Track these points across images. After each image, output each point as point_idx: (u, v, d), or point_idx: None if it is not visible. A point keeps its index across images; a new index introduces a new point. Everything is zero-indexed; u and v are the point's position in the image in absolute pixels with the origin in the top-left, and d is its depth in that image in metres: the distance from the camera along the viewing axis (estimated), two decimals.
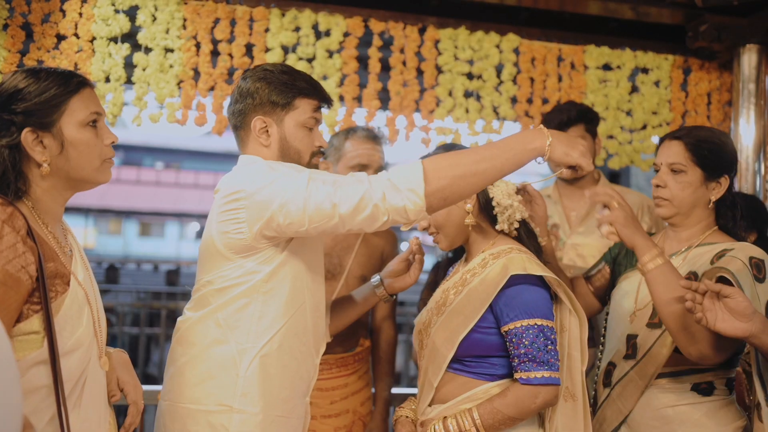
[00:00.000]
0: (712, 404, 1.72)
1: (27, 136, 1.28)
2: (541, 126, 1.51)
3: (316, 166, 1.69)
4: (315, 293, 1.66)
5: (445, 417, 1.62)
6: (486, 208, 1.72)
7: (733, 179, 1.80)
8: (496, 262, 1.65)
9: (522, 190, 1.80)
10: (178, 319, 1.65)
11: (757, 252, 1.67)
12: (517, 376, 1.58)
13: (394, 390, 2.69)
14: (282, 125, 1.64)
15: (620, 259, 2.00)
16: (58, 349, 1.26)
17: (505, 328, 1.60)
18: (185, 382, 1.57)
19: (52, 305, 1.25)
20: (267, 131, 1.63)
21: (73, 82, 1.34)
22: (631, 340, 1.81)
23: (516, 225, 1.72)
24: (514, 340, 1.59)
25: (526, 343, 1.57)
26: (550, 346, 1.57)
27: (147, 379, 5.81)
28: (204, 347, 1.57)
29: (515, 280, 1.60)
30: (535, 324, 1.58)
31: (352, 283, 2.36)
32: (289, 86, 1.63)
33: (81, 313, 1.34)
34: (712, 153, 1.76)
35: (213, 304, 1.58)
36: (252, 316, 1.55)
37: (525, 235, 1.75)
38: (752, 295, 1.57)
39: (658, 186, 1.80)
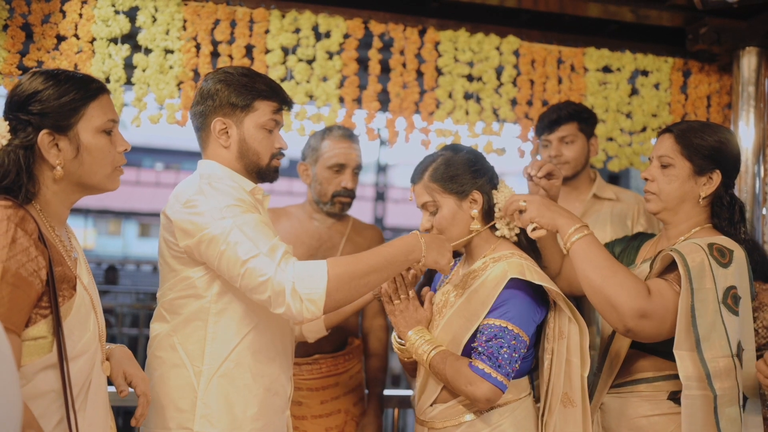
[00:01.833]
0: None
1: (44, 137, 1.27)
2: (417, 233, 1.61)
3: (276, 168, 1.72)
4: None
5: (422, 336, 1.67)
6: (489, 213, 1.73)
7: (731, 178, 1.74)
8: (496, 265, 1.65)
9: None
10: (150, 331, 1.68)
11: (725, 241, 1.63)
12: (470, 360, 1.60)
13: (395, 392, 2.69)
14: (241, 127, 1.65)
15: (619, 259, 1.98)
16: (66, 354, 1.25)
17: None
18: (153, 407, 1.60)
19: (60, 310, 1.24)
20: (227, 132, 1.65)
21: (93, 88, 1.34)
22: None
23: (516, 231, 1.72)
24: (478, 335, 1.61)
25: (483, 339, 1.58)
26: (504, 349, 1.56)
27: None
28: (164, 372, 1.60)
29: (512, 284, 1.61)
30: (500, 324, 1.58)
31: None
32: (248, 88, 1.65)
33: (88, 318, 1.34)
34: (701, 145, 1.69)
35: (169, 323, 1.61)
36: (205, 339, 1.58)
37: (525, 241, 1.75)
38: (702, 276, 1.54)
39: (647, 180, 1.77)
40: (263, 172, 1.70)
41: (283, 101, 1.70)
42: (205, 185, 1.56)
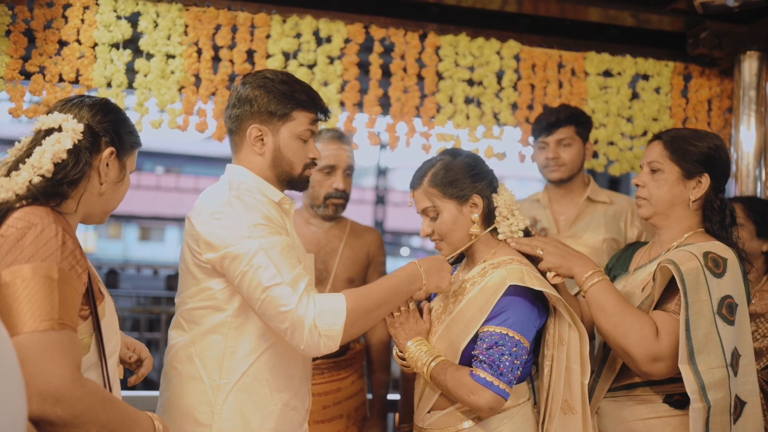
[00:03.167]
0: (685, 418, 1.64)
1: (108, 154, 1.38)
2: (415, 261, 1.64)
3: (308, 178, 1.71)
4: None
5: (420, 347, 1.67)
6: (489, 216, 1.72)
7: (720, 182, 1.76)
8: (495, 272, 1.65)
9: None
10: (168, 339, 1.67)
11: (720, 249, 1.65)
12: (470, 369, 1.59)
13: (397, 396, 2.68)
14: (278, 135, 1.64)
15: (614, 269, 2.01)
16: (105, 354, 1.32)
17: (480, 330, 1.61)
18: (169, 418, 1.60)
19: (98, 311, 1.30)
20: (262, 140, 1.64)
21: (140, 140, 1.50)
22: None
23: (519, 234, 1.72)
24: (478, 342, 1.60)
25: (484, 347, 1.57)
26: (506, 357, 1.55)
27: (146, 384, 5.79)
28: (181, 383, 1.59)
29: (511, 291, 1.60)
30: (501, 332, 1.57)
31: (339, 287, 2.36)
32: (288, 97, 1.62)
33: (115, 321, 1.40)
34: (689, 150, 1.73)
35: (187, 333, 1.60)
36: (224, 352, 1.56)
37: None
38: (697, 288, 1.56)
39: (638, 186, 1.80)
40: (295, 182, 1.69)
41: (321, 111, 1.68)
42: (234, 198, 1.54)
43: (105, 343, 1.31)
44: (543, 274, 1.73)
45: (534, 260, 1.74)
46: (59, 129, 1.32)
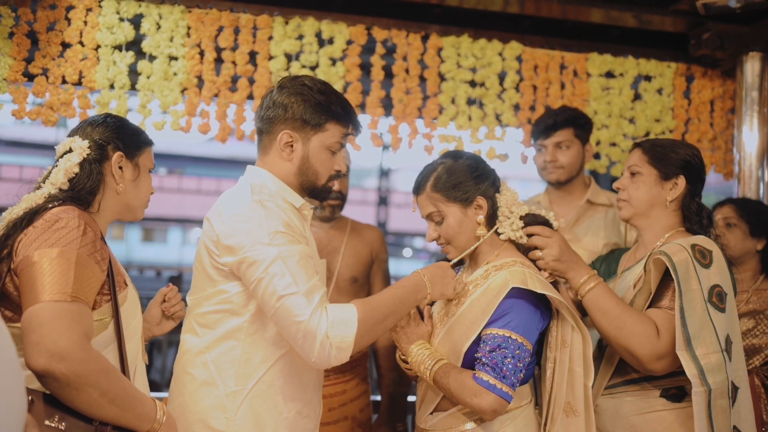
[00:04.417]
0: (683, 411, 1.69)
1: (117, 158, 1.54)
2: (418, 271, 1.64)
3: (330, 189, 1.71)
4: None
5: (422, 351, 1.67)
6: (493, 217, 1.72)
7: (696, 186, 1.82)
8: (498, 274, 1.64)
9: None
10: (180, 343, 1.66)
11: (705, 242, 1.70)
12: (473, 372, 1.59)
13: None
14: (308, 144, 1.63)
15: (601, 272, 2.03)
16: (123, 334, 1.46)
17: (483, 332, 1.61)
18: (182, 424, 1.59)
19: (118, 297, 1.46)
20: (291, 146, 1.63)
21: (149, 138, 1.65)
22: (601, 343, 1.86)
23: (521, 233, 1.71)
24: (481, 345, 1.59)
25: (487, 349, 1.57)
26: (509, 359, 1.55)
27: (149, 385, 5.80)
28: (194, 389, 1.58)
29: (514, 293, 1.60)
30: (504, 334, 1.56)
31: (343, 286, 2.36)
32: (323, 108, 1.61)
33: (136, 308, 1.54)
34: (666, 155, 1.81)
35: (200, 338, 1.59)
36: (239, 359, 1.56)
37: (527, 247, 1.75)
38: (688, 278, 1.62)
39: (618, 189, 1.87)
40: (317, 191, 1.68)
41: (354, 126, 1.68)
42: (256, 202, 1.54)
43: (124, 326, 1.46)
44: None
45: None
46: (71, 150, 1.53)
